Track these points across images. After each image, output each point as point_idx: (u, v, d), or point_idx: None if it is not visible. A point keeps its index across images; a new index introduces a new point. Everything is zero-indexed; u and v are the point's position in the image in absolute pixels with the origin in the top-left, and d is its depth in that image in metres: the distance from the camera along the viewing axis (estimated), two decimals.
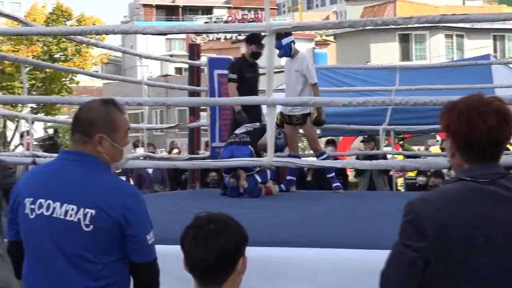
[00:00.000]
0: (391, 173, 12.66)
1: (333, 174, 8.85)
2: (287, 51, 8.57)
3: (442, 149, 12.94)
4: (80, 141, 3.07)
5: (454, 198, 2.46)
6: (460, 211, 2.42)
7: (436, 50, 36.64)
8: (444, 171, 10.50)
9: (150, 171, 13.30)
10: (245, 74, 8.55)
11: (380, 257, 2.58)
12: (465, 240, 2.39)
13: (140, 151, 12.78)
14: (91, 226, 2.92)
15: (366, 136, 12.70)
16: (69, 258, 2.93)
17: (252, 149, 7.94)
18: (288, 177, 9.23)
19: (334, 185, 8.79)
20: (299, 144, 13.86)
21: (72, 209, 2.94)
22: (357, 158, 12.51)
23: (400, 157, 12.91)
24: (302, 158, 10.03)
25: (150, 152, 11.49)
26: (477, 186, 2.47)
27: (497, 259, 2.39)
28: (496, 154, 2.54)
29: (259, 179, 8.09)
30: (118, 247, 2.98)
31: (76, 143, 3.08)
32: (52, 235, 2.95)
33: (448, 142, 2.59)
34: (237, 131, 8.34)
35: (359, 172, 12.87)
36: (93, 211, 2.92)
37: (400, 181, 14.97)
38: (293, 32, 7.96)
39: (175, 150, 15.07)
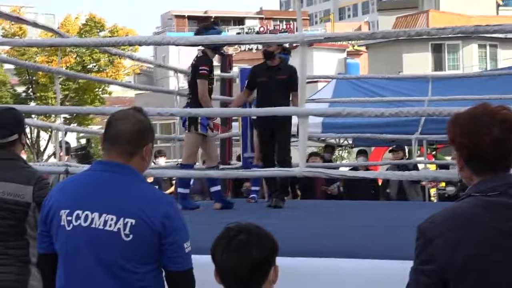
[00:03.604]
0: (423, 183, 12.57)
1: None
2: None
3: None
4: (126, 153, 3.07)
5: (464, 215, 2.40)
6: (472, 228, 2.36)
7: (469, 60, 36.38)
8: None
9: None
10: (256, 79, 8.44)
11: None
12: (482, 256, 2.33)
13: (162, 161, 12.79)
14: (131, 236, 2.92)
15: (394, 146, 12.62)
16: (107, 269, 2.93)
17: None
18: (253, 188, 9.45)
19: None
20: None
21: (112, 219, 2.94)
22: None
23: (433, 167, 12.86)
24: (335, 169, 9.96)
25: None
26: (487, 199, 2.40)
27: None
28: (506, 165, 2.46)
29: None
30: (155, 257, 2.98)
31: (122, 155, 3.07)
32: (90, 246, 2.95)
33: (456, 155, 2.53)
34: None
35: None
36: (133, 221, 2.92)
37: (433, 191, 14.87)
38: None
39: None
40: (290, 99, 8.18)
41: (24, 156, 4.61)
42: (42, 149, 36.06)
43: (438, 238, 2.37)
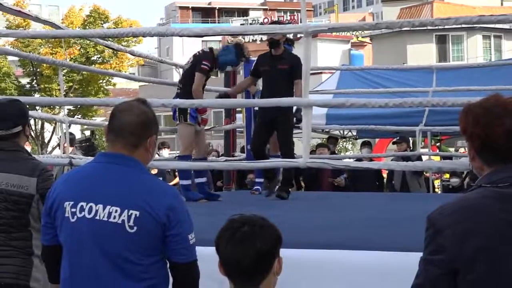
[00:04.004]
0: (427, 174, 12.56)
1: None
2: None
3: None
4: (130, 145, 3.07)
5: (474, 206, 2.38)
6: (481, 219, 2.34)
7: (474, 51, 36.30)
8: None
9: None
10: (259, 68, 8.45)
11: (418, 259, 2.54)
12: (491, 247, 2.31)
13: (166, 153, 12.82)
14: (135, 228, 2.92)
15: (398, 138, 12.61)
16: (111, 260, 2.94)
17: None
18: (257, 180, 9.47)
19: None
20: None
21: (116, 211, 2.94)
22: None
23: (437, 159, 12.85)
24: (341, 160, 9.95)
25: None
26: (497, 190, 2.38)
27: None
28: None
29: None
30: (159, 248, 2.99)
31: (126, 146, 3.07)
32: (94, 238, 2.95)
33: (467, 146, 2.52)
34: None
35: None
36: (137, 213, 2.93)
37: (437, 183, 14.86)
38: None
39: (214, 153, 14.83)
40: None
41: (28, 147, 4.60)
42: (46, 140, 36.12)
43: (447, 229, 2.35)
